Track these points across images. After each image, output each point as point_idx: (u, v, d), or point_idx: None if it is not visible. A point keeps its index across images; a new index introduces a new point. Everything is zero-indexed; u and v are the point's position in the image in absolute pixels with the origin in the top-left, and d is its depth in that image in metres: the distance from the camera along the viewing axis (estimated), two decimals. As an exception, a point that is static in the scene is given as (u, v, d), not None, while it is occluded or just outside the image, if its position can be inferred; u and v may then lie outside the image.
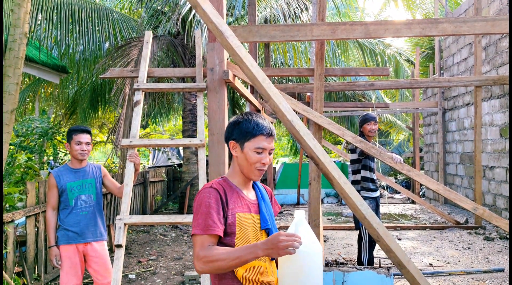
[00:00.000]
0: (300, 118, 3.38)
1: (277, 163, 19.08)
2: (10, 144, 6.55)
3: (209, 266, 1.59)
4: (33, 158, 9.78)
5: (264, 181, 10.79)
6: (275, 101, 2.45)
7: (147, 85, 3.99)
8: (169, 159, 16.84)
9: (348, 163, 12.82)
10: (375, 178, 4.76)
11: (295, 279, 1.55)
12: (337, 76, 10.08)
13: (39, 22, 7.82)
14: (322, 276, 1.61)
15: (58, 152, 12.04)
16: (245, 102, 14.77)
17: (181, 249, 7.31)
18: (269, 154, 1.79)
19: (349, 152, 4.90)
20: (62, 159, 11.67)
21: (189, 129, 10.60)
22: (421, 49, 14.78)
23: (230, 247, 1.66)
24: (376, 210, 4.73)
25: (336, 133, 4.10)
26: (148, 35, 4.32)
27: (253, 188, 1.91)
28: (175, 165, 15.96)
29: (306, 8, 9.89)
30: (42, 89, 13.23)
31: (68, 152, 3.63)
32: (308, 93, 7.45)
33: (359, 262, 4.78)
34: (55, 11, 7.98)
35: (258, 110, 7.05)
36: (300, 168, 11.70)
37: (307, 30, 3.80)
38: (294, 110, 5.79)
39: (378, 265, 4.54)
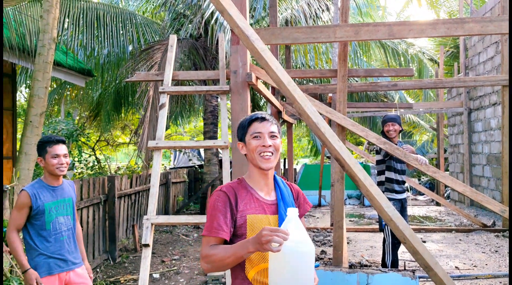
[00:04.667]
0: (324, 120, 3.39)
1: (297, 164, 19.03)
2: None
3: (211, 264, 1.66)
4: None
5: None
6: (300, 104, 2.47)
7: (172, 88, 4.06)
8: (190, 160, 17.03)
9: (370, 164, 12.70)
10: (401, 179, 4.71)
11: (283, 277, 1.52)
12: (360, 77, 10.01)
13: (66, 27, 8.03)
14: (312, 276, 1.56)
15: (83, 153, 12.33)
16: (265, 103, 14.80)
17: (203, 250, 7.39)
18: (272, 138, 1.77)
19: (373, 152, 4.87)
20: (86, 160, 11.96)
21: (210, 131, 10.68)
22: (445, 48, 14.51)
23: (228, 245, 1.68)
24: (402, 212, 4.67)
25: (360, 135, 4.08)
26: (173, 39, 4.39)
27: (275, 188, 1.85)
28: (196, 166, 16.11)
29: (328, 9, 9.86)
30: (68, 92, 13.57)
31: (42, 167, 2.94)
32: (330, 94, 7.42)
33: (383, 264, 4.74)
34: (81, 16, 8.18)
35: (279, 112, 7.06)
36: (321, 169, 11.64)
37: (330, 31, 3.80)
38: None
39: (403, 268, 4.49)
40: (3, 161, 7.30)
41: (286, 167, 11.83)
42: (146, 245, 3.24)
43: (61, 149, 2.89)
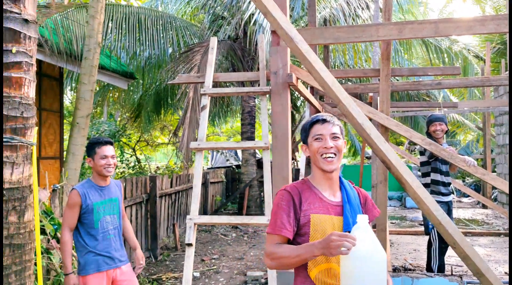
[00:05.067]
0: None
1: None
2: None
3: (275, 262, 1.70)
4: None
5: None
6: (345, 105, 2.43)
7: (214, 90, 4.11)
8: (227, 160, 17.18)
9: (412, 165, 12.36)
10: (447, 181, 4.55)
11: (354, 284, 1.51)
12: (403, 76, 9.76)
13: (109, 31, 8.30)
14: (385, 284, 1.53)
15: (124, 153, 12.71)
16: (302, 104, 14.71)
17: (242, 249, 7.43)
18: (334, 139, 1.77)
19: (414, 153, 4.74)
20: (128, 160, 12.31)
21: (248, 131, 10.73)
22: (491, 44, 13.90)
23: (294, 245, 1.70)
24: (449, 215, 4.52)
25: (404, 136, 3.98)
26: (213, 41, 4.44)
27: (341, 189, 1.83)
28: (233, 166, 16.23)
29: (367, 7, 9.67)
30: (110, 94, 14.02)
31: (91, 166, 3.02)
32: (371, 94, 7.28)
33: (429, 268, 4.60)
34: (124, 20, 8.43)
35: (318, 112, 7.01)
36: (361, 170, 11.43)
37: (372, 30, 3.72)
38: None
39: (450, 273, 4.34)
40: (52, 161, 7.64)
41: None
42: (189, 245, 3.29)
43: (109, 150, 2.96)
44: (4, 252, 2.07)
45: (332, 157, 1.75)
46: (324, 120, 1.79)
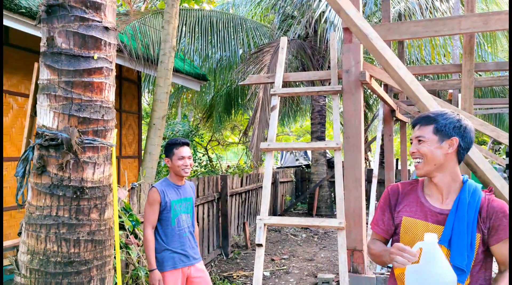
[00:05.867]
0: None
1: (410, 165, 17.87)
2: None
3: (370, 257, 1.82)
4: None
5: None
6: (425, 104, 2.28)
7: (284, 90, 4.08)
8: (297, 159, 17.10)
9: (497, 166, 11.41)
10: None
11: None
12: (489, 71, 9.04)
13: (183, 35, 8.61)
14: None
15: (197, 152, 13.15)
16: (374, 102, 14.21)
17: (312, 250, 7.34)
18: (419, 142, 1.64)
19: (498, 153, 4.34)
20: (200, 159, 12.71)
21: (317, 131, 10.59)
22: None
23: (382, 245, 1.76)
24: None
25: (489, 135, 3.66)
26: (283, 41, 4.41)
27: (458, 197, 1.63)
28: (303, 166, 16.11)
29: (446, -1, 9.10)
30: (184, 96, 14.58)
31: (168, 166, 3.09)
32: (450, 90, 6.83)
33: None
34: (197, 24, 8.70)
35: (393, 110, 6.70)
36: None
37: (454, 23, 3.46)
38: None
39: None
40: (131, 160, 8.09)
41: (399, 167, 11.20)
42: (260, 245, 3.29)
43: (186, 151, 3.04)
44: (86, 247, 2.20)
45: (417, 162, 1.65)
46: (413, 125, 1.71)
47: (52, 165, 2.17)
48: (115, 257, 3.48)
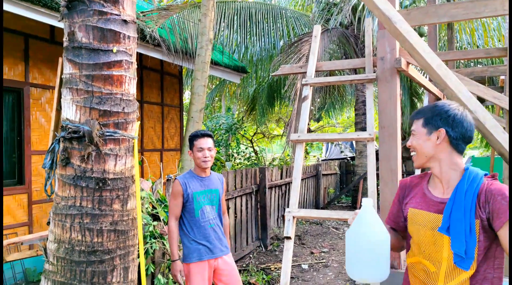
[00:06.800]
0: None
1: (464, 156, 17.04)
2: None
3: None
4: (220, 150, 10.96)
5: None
6: (453, 90, 2.11)
7: (315, 79, 3.97)
8: (342, 151, 16.78)
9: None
10: None
11: (357, 264, 1.58)
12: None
13: (222, 28, 8.64)
14: (388, 264, 1.59)
15: (241, 145, 13.23)
16: (424, 91, 13.60)
17: (353, 244, 7.18)
18: (413, 136, 1.73)
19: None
20: (243, 152, 12.78)
21: (362, 122, 10.31)
22: None
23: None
24: None
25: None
26: (317, 29, 4.29)
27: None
28: (348, 158, 15.79)
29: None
30: (227, 89, 14.69)
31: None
32: (502, 77, 6.38)
33: None
34: (235, 16, 8.69)
35: (438, 99, 6.37)
36: (491, 162, 10.16)
37: (497, 3, 3.19)
38: (482, 99, 5.01)
39: None
40: (173, 152, 8.27)
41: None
42: (288, 238, 3.24)
43: (206, 142, 3.01)
44: (109, 237, 2.26)
45: (413, 155, 1.72)
46: (410, 119, 1.76)
47: (75, 157, 2.25)
48: (148, 247, 3.57)
